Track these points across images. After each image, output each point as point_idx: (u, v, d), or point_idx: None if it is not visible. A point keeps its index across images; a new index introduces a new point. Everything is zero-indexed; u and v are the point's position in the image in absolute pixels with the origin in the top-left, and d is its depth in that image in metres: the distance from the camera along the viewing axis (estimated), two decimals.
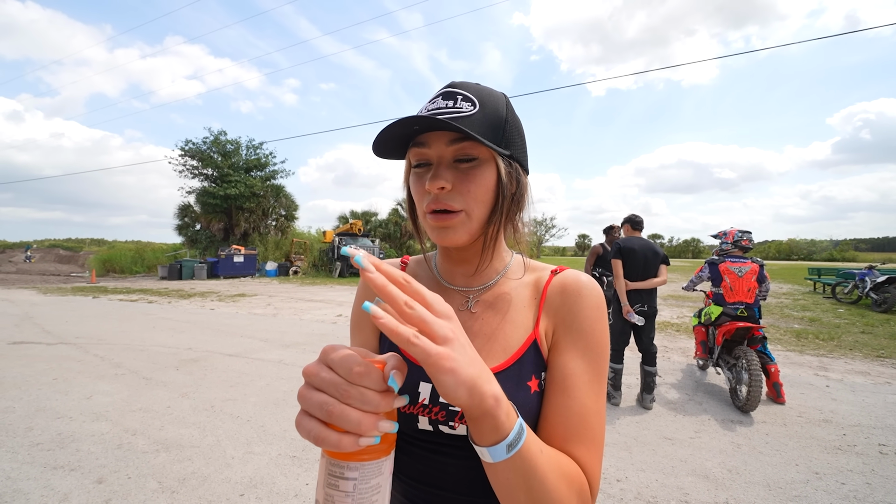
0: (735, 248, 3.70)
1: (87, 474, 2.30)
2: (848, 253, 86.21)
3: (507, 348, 0.54)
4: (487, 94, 0.53)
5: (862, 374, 4.32)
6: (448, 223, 0.52)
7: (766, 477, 2.32)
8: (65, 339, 5.65)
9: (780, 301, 10.56)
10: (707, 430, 2.95)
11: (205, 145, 21.58)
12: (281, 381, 3.96)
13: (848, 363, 4.77)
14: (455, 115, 0.50)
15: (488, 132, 0.51)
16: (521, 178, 0.56)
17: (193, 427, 2.91)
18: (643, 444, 2.72)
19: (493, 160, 0.52)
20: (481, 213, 0.53)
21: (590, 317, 0.54)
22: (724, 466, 2.43)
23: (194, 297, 10.70)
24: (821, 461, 2.51)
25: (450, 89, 0.53)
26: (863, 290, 9.53)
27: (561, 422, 0.49)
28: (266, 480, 2.26)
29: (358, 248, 0.35)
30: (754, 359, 3.19)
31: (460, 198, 0.51)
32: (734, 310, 3.55)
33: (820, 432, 2.91)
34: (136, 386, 3.77)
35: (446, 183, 0.50)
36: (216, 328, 6.60)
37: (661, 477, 2.33)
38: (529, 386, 0.51)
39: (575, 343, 0.53)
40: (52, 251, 37.38)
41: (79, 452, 2.54)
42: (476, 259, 0.59)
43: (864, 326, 6.97)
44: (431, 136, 0.52)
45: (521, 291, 0.59)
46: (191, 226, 22.59)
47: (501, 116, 0.53)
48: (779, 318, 7.89)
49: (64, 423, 2.97)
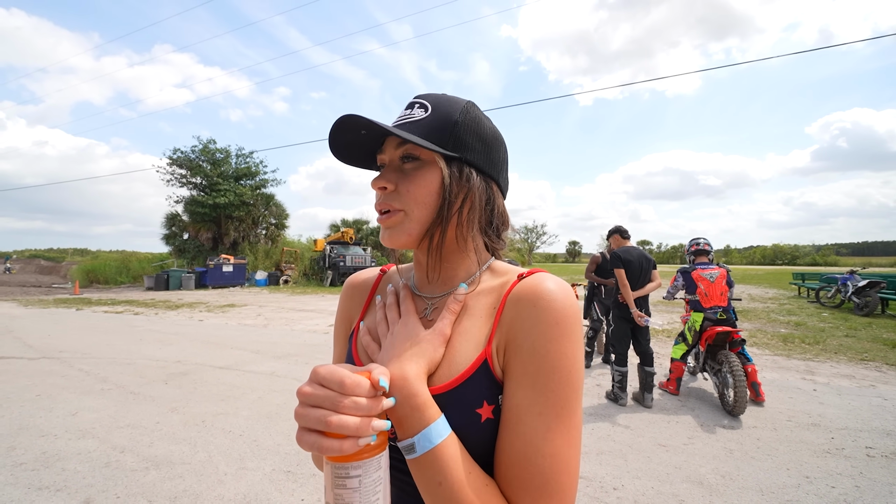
0: (698, 255, 3.89)
1: (74, 494, 2.23)
2: (830, 257, 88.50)
3: (453, 365, 0.47)
4: (445, 100, 0.53)
5: (847, 378, 4.43)
6: (388, 223, 0.52)
7: (759, 482, 2.36)
8: (48, 354, 5.48)
9: (766, 306, 10.77)
10: (700, 435, 2.99)
11: (193, 154, 21.35)
12: (273, 393, 3.90)
13: (833, 367, 4.89)
14: (406, 120, 0.52)
15: (432, 134, 0.50)
16: (475, 181, 0.52)
17: (184, 443, 2.85)
18: (638, 452, 2.74)
19: (437, 162, 0.50)
20: (422, 215, 0.51)
21: (544, 334, 0.44)
22: (718, 472, 2.46)
23: (182, 308, 10.50)
24: (811, 465, 2.55)
25: (413, 100, 0.55)
26: (845, 295, 9.79)
27: (507, 467, 0.43)
28: (260, 497, 2.22)
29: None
30: (736, 362, 3.31)
31: (400, 198, 0.51)
32: (713, 314, 3.70)
33: (809, 436, 2.97)
34: (124, 401, 3.67)
35: (387, 183, 0.51)
36: (205, 340, 6.48)
37: (656, 484, 2.35)
38: (479, 413, 0.45)
39: (524, 368, 0.44)
40: (34, 262, 36.38)
41: (65, 472, 2.46)
42: (426, 263, 0.55)
43: (848, 330, 7.15)
44: (387, 142, 0.53)
45: (481, 299, 0.52)
46: (178, 235, 22.22)
47: (451, 119, 0.51)
48: (765, 323, 8.05)
49: (48, 441, 2.87)
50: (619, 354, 3.71)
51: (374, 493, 0.39)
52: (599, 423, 3.21)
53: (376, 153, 0.55)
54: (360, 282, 0.67)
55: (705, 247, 3.94)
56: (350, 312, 0.65)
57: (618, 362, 3.69)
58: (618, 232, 4.00)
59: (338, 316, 0.67)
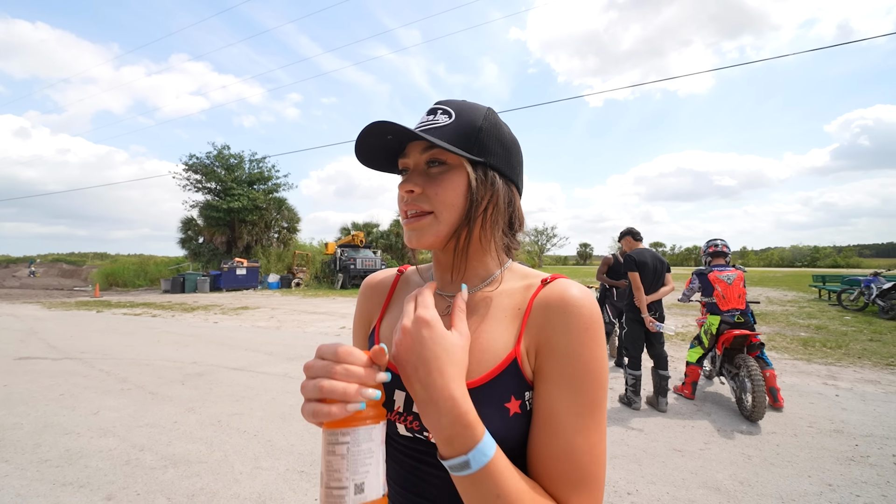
0: (715, 257, 3.81)
1: (96, 491, 2.29)
2: (852, 259, 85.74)
3: (482, 363, 0.50)
4: (467, 106, 0.55)
5: (872, 383, 4.28)
6: (416, 225, 0.53)
7: (779, 489, 2.30)
8: (70, 354, 5.66)
9: (785, 309, 10.49)
10: (716, 441, 2.93)
11: (208, 159, 21.86)
12: (287, 394, 3.95)
13: (857, 372, 4.73)
14: (430, 126, 0.53)
15: (459, 140, 0.52)
16: (499, 185, 0.55)
17: (201, 442, 2.91)
18: (653, 457, 2.69)
19: (464, 166, 0.53)
20: (450, 217, 0.53)
21: (577, 339, 0.47)
22: (736, 478, 2.41)
23: (198, 311, 10.72)
24: (834, 472, 2.48)
25: (434, 105, 0.56)
26: (869, 297, 9.47)
27: (548, 464, 0.45)
28: (275, 496, 2.25)
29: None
30: (755, 366, 3.22)
31: (429, 201, 0.53)
32: (731, 317, 3.61)
33: (831, 443, 2.88)
34: (143, 401, 3.77)
35: (415, 186, 0.52)
36: (220, 342, 6.61)
37: (671, 490, 2.31)
38: (508, 408, 0.47)
39: (560, 371, 0.47)
40: (56, 265, 37.56)
41: (87, 469, 2.54)
42: (450, 263, 0.58)
43: (872, 334, 6.92)
44: (410, 147, 0.55)
45: (505, 300, 0.55)
46: (194, 239, 22.73)
47: (475, 125, 0.53)
48: (784, 326, 7.84)
49: (72, 439, 2.97)
50: (633, 358, 3.66)
51: (363, 465, 0.40)
52: (613, 428, 3.17)
53: (398, 157, 0.57)
54: (378, 282, 0.68)
55: (723, 248, 3.85)
56: (369, 312, 0.67)
57: (631, 366, 3.64)
58: (630, 234, 3.95)
59: (356, 316, 0.69)
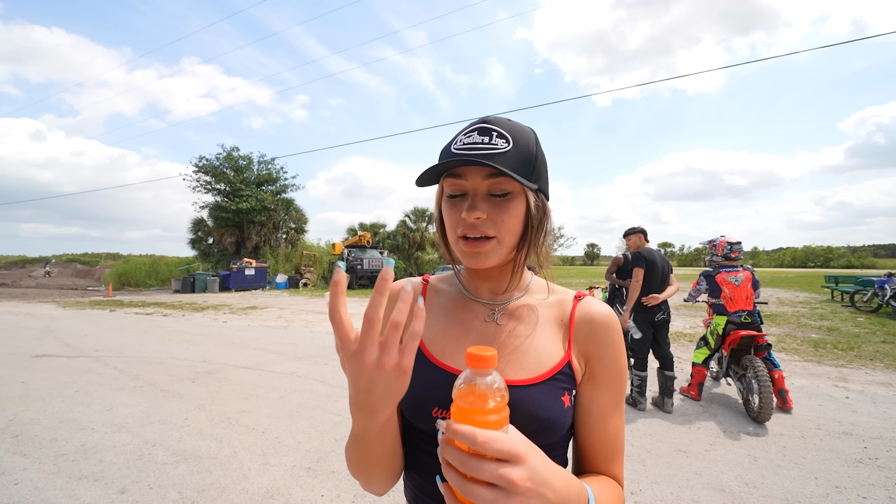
0: (725, 260, 3.75)
1: (111, 484, 2.36)
2: (866, 259, 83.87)
3: (541, 363, 0.58)
4: (519, 130, 0.58)
5: (884, 386, 4.22)
6: (481, 249, 0.57)
7: (784, 491, 2.29)
8: (85, 352, 5.80)
9: (796, 310, 10.34)
10: (722, 442, 2.91)
11: (217, 161, 22.17)
12: (294, 393, 4.01)
13: (868, 374, 4.66)
14: (491, 151, 0.55)
15: (520, 168, 0.56)
16: (546, 207, 0.61)
17: (210, 439, 2.97)
18: (657, 457, 2.69)
19: (524, 193, 0.57)
20: (511, 241, 0.58)
21: (618, 350, 0.61)
22: (741, 480, 2.40)
23: (207, 310, 10.88)
24: (841, 475, 2.46)
25: (485, 125, 0.57)
26: (883, 298, 9.30)
27: (604, 447, 0.59)
28: (283, 491, 2.30)
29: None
30: (761, 367, 3.20)
31: (494, 227, 0.56)
32: (738, 317, 3.58)
33: (840, 445, 2.85)
34: (154, 398, 3.86)
35: (482, 213, 0.55)
36: (229, 341, 6.71)
37: (675, 490, 2.31)
38: (563, 401, 0.57)
39: (607, 375, 0.60)
40: (70, 266, 38.35)
41: (102, 463, 2.61)
42: (502, 277, 0.65)
43: (886, 336, 6.79)
44: (468, 170, 0.57)
45: (546, 312, 0.64)
46: (204, 239, 23.06)
47: (532, 153, 0.58)
48: (795, 328, 7.73)
49: (87, 434, 3.05)
50: (639, 358, 3.66)
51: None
52: None
53: (441, 173, 0.59)
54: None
55: (735, 255, 3.72)
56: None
57: (637, 366, 3.64)
58: (642, 232, 3.92)
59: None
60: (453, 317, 0.64)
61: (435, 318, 0.65)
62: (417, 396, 0.58)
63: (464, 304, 0.66)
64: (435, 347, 0.61)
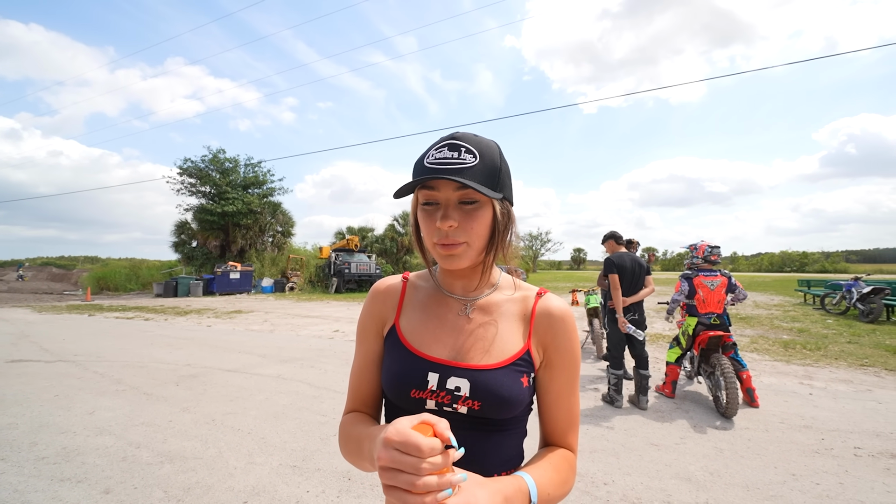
0: (704, 263, 3.92)
1: (94, 485, 2.37)
2: (839, 264, 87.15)
3: (504, 350, 0.68)
4: (485, 145, 0.66)
5: (845, 382, 4.47)
6: (454, 252, 0.64)
7: (746, 479, 2.44)
8: (63, 357, 5.68)
9: (770, 312, 10.75)
10: (692, 436, 3.07)
11: (203, 163, 21.85)
12: (280, 395, 4.04)
13: (832, 372, 4.92)
14: (461, 165, 0.62)
15: (486, 180, 0.63)
16: (510, 212, 0.69)
17: (196, 439, 2.99)
18: (630, 450, 2.83)
19: (490, 202, 0.65)
20: (480, 244, 0.66)
21: (572, 340, 0.71)
22: (707, 469, 2.55)
23: (191, 314, 10.71)
24: (798, 464, 2.63)
25: (454, 141, 0.65)
26: (850, 301, 9.75)
27: (561, 421, 0.71)
28: (268, 489, 2.35)
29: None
30: (728, 365, 3.40)
31: (464, 233, 0.64)
32: (707, 319, 3.77)
33: (800, 437, 3.04)
34: (138, 401, 3.83)
35: (454, 222, 0.63)
36: (214, 344, 6.65)
37: (646, 480, 2.44)
38: (522, 381, 0.67)
39: (562, 362, 0.70)
40: (45, 269, 37.06)
41: (84, 465, 2.61)
42: (474, 276, 0.73)
43: (851, 336, 7.15)
44: (440, 183, 0.64)
45: (511, 306, 0.73)
46: (187, 243, 22.63)
47: (497, 166, 0.65)
48: (768, 329, 8.06)
49: (68, 437, 3.03)
50: (615, 358, 3.80)
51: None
52: (594, 424, 3.31)
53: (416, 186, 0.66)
54: (389, 286, 0.79)
55: (714, 258, 3.89)
56: (382, 314, 0.76)
57: (613, 366, 3.79)
58: (613, 237, 4.10)
59: (366, 317, 0.78)
60: (430, 311, 0.74)
61: (414, 311, 0.75)
62: (398, 381, 0.68)
63: (440, 299, 0.75)
64: (413, 338, 0.71)
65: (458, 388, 0.65)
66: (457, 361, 0.67)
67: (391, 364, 0.70)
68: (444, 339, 0.70)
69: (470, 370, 0.66)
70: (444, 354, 0.68)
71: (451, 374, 0.66)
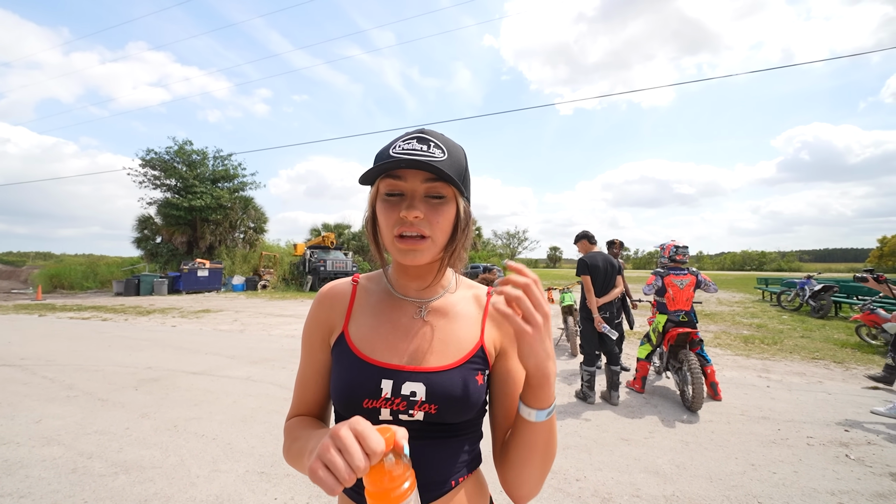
0: (671, 262, 4.05)
1: (39, 500, 2.19)
2: (794, 264, 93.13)
3: (459, 349, 0.66)
4: (452, 145, 0.65)
5: (798, 375, 4.75)
6: (417, 247, 0.61)
7: (709, 470, 2.54)
8: (8, 361, 5.26)
9: (732, 309, 11.31)
10: (660, 430, 3.17)
11: (168, 155, 20.76)
12: (248, 397, 3.88)
13: (787, 365, 5.22)
14: (431, 159, 0.60)
15: (455, 177, 0.61)
16: (472, 214, 0.68)
17: (155, 448, 2.82)
18: (602, 446, 2.89)
19: (455, 199, 0.64)
20: (442, 241, 0.64)
21: None
22: (673, 463, 2.64)
23: (154, 314, 10.19)
24: (757, 454, 2.76)
25: (423, 135, 0.63)
26: (803, 298, 10.40)
27: (513, 397, 0.69)
28: (233, 497, 2.24)
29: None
30: (695, 361, 3.52)
31: (429, 227, 0.61)
32: (676, 316, 3.91)
33: (758, 428, 3.19)
34: (91, 408, 3.59)
35: (420, 213, 0.60)
36: (178, 345, 6.34)
37: (616, 475, 2.49)
38: (477, 379, 0.65)
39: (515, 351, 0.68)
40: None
41: (28, 479, 2.41)
42: (429, 276, 0.70)
43: (804, 331, 7.62)
44: (408, 172, 0.61)
45: (465, 305, 0.72)
46: (151, 238, 21.47)
47: (463, 166, 0.65)
48: (730, 325, 8.47)
49: (10, 448, 2.79)
50: (588, 354, 3.88)
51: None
52: (567, 420, 3.36)
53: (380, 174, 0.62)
54: (338, 292, 0.74)
55: (680, 258, 3.99)
56: (330, 320, 0.71)
57: (586, 362, 3.86)
58: (585, 237, 4.16)
59: (311, 324, 0.72)
60: (382, 315, 0.70)
61: (365, 317, 0.70)
62: (349, 391, 0.63)
63: (392, 302, 0.71)
64: (364, 344, 0.67)
65: (414, 392, 0.62)
66: (411, 366, 0.64)
67: (341, 374, 0.66)
68: (398, 344, 0.66)
69: (425, 373, 0.63)
70: (398, 360, 0.65)
71: (406, 379, 0.63)
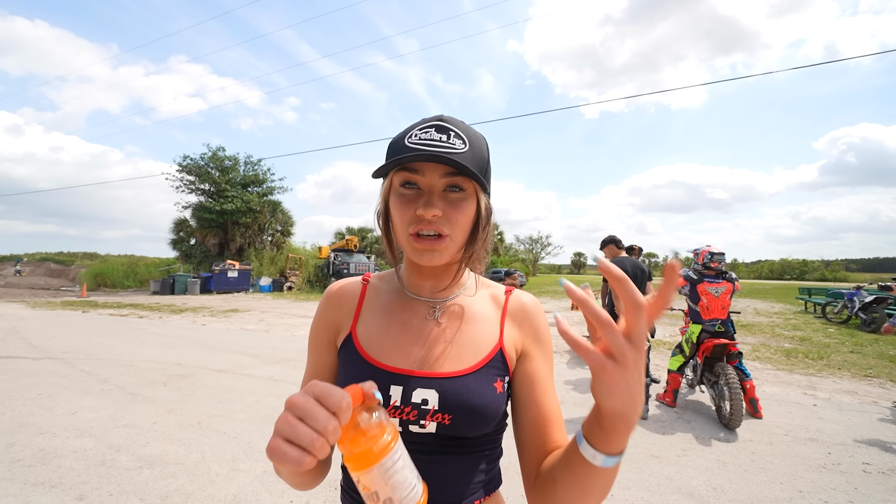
0: (704, 269, 3.81)
1: (68, 491, 2.26)
2: (839, 273, 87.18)
3: (476, 353, 0.60)
4: (474, 134, 0.59)
5: (849, 394, 4.36)
6: (435, 247, 0.56)
7: (751, 495, 2.33)
8: (51, 354, 5.57)
9: (771, 320, 10.64)
10: (694, 448, 2.96)
11: (202, 161, 21.78)
12: (270, 397, 3.93)
13: (836, 382, 4.81)
14: (451, 150, 0.54)
15: (476, 170, 0.56)
16: (493, 211, 0.63)
17: (179, 443, 2.88)
18: (630, 462, 2.72)
19: (475, 194, 0.58)
20: (461, 240, 0.59)
21: (547, 331, 0.66)
22: (710, 484, 2.44)
23: (186, 313, 10.61)
24: (805, 479, 2.52)
25: (442, 123, 0.57)
26: (852, 310, 9.65)
27: (549, 415, 0.60)
28: (250, 497, 2.24)
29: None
30: (733, 375, 3.28)
31: (448, 224, 0.56)
32: (712, 326, 3.66)
33: (805, 451, 2.93)
34: (123, 402, 3.72)
35: (439, 211, 0.55)
36: (207, 343, 6.54)
37: (646, 495, 2.33)
38: (496, 387, 0.59)
39: (542, 352, 0.64)
40: (44, 265, 36.94)
41: (60, 469, 2.50)
42: (446, 276, 0.65)
43: (854, 346, 7.04)
44: (426, 166, 0.55)
45: (482, 305, 0.66)
46: (186, 240, 22.54)
47: (485, 158, 0.59)
48: (770, 337, 7.95)
49: (46, 439, 2.92)
50: None
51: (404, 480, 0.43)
52: None
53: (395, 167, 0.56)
54: (347, 290, 0.69)
55: (715, 265, 3.74)
56: (337, 320, 0.67)
57: None
58: (613, 242, 4.00)
59: (318, 324, 0.68)
60: (393, 316, 0.64)
61: (375, 318, 0.65)
62: None
63: (404, 303, 0.66)
64: (372, 347, 0.61)
65: (426, 400, 0.56)
66: (423, 371, 0.58)
67: (347, 378, 0.60)
68: (409, 347, 0.61)
69: (438, 379, 0.57)
70: (409, 364, 0.59)
71: (417, 385, 0.56)
